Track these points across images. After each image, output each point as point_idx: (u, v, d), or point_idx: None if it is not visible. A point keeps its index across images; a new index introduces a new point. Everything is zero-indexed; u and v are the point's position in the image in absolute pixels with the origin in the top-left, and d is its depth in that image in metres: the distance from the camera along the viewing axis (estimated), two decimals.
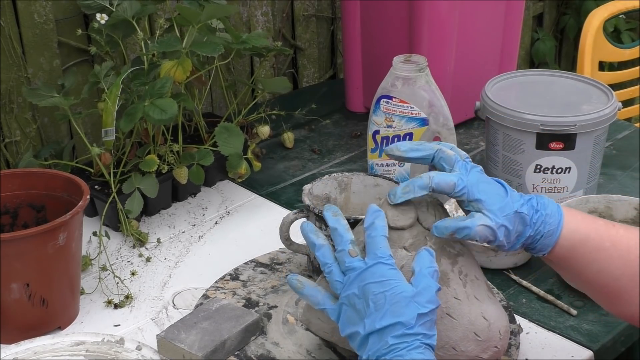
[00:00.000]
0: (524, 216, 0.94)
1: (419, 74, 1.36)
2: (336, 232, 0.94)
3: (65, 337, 1.08)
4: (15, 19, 1.48)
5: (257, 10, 1.85)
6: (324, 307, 0.93)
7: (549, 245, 0.95)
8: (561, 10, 2.65)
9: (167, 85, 1.30)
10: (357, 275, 0.90)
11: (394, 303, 0.87)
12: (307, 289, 0.95)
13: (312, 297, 0.94)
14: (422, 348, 0.86)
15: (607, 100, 1.37)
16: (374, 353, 0.87)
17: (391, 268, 0.90)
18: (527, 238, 0.95)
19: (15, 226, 1.20)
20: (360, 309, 0.89)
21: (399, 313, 0.87)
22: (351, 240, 0.93)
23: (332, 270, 0.92)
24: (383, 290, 0.88)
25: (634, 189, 1.49)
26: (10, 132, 1.52)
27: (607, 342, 1.13)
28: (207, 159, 1.38)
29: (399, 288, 0.88)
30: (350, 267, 0.91)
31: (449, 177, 0.94)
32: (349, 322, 0.90)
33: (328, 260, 0.93)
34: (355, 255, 0.91)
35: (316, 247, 0.94)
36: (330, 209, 0.96)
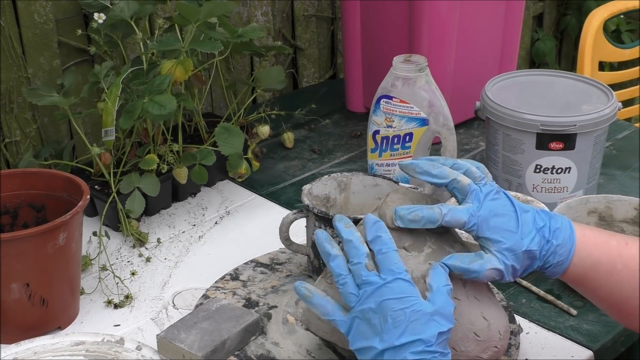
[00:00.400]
0: (534, 253, 0.94)
1: (419, 74, 1.36)
2: (351, 244, 0.92)
3: (65, 337, 1.08)
4: (15, 19, 1.48)
5: (257, 10, 1.85)
6: (334, 318, 0.92)
7: (557, 274, 0.96)
8: (561, 10, 2.65)
9: (166, 82, 1.30)
10: (375, 290, 0.89)
11: (414, 320, 0.87)
12: (316, 297, 0.93)
13: (321, 308, 0.93)
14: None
15: (607, 100, 1.37)
16: None
17: (409, 285, 0.89)
18: (537, 268, 0.95)
19: (15, 226, 1.20)
20: (376, 324, 0.88)
21: (419, 330, 0.87)
22: (367, 253, 0.91)
23: (347, 282, 0.91)
24: (403, 307, 0.88)
25: (634, 189, 1.49)
26: (10, 132, 1.52)
27: (607, 342, 1.13)
28: (209, 159, 1.38)
29: (418, 305, 0.88)
30: (367, 282, 0.90)
31: (460, 213, 0.93)
32: (362, 337, 0.90)
33: (342, 271, 0.91)
34: (372, 270, 0.90)
35: (331, 258, 0.92)
36: (342, 220, 0.94)
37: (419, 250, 0.96)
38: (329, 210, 1.16)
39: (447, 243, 0.99)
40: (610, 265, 0.94)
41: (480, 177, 0.96)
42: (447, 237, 1.00)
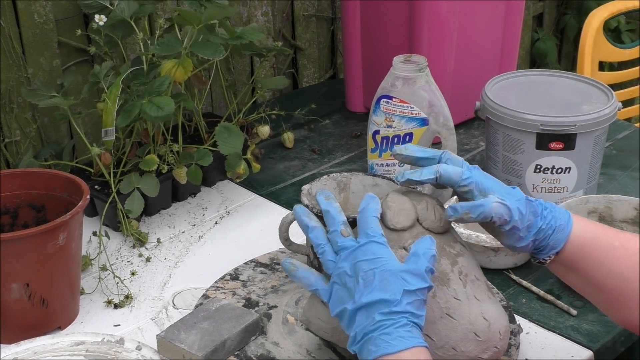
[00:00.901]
0: (535, 206, 0.95)
1: (419, 74, 1.36)
2: (328, 214, 0.95)
3: (65, 337, 1.08)
4: (15, 19, 1.48)
5: (257, 10, 1.85)
6: (317, 287, 0.94)
7: (561, 241, 0.96)
8: (561, 10, 2.65)
9: (165, 83, 1.30)
10: (349, 254, 0.91)
11: (383, 279, 0.87)
12: (300, 271, 0.96)
13: (305, 279, 0.95)
14: (410, 326, 0.86)
15: (607, 100, 1.37)
16: (361, 330, 0.87)
17: (382, 246, 0.90)
18: (539, 232, 0.95)
19: (15, 226, 1.20)
20: (351, 287, 0.89)
21: (386, 289, 0.87)
22: (343, 221, 0.94)
23: (325, 250, 0.93)
24: (373, 267, 0.89)
25: (634, 189, 1.49)
26: (10, 132, 1.52)
27: (607, 342, 1.13)
28: (205, 159, 1.38)
29: (388, 265, 0.88)
30: (343, 247, 0.92)
31: (456, 167, 0.96)
32: (339, 301, 0.91)
33: (321, 241, 0.94)
34: (347, 235, 0.92)
35: (309, 229, 0.95)
36: (322, 193, 0.98)
37: None
38: None
39: (447, 243, 0.99)
40: (608, 242, 0.96)
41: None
42: (448, 237, 1.00)
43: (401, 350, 0.84)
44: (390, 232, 0.97)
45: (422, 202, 0.99)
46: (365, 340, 0.87)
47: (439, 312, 0.95)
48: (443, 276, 0.97)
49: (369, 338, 0.86)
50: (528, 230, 0.96)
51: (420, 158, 0.99)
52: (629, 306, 0.95)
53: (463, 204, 0.95)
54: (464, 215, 0.95)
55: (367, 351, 0.86)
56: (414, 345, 0.85)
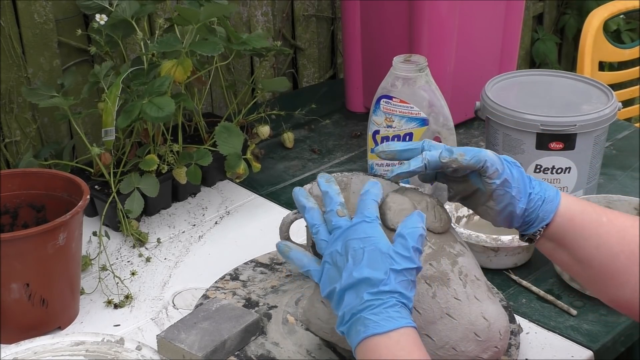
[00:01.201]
0: (522, 172, 0.96)
1: (419, 74, 1.35)
2: (327, 195, 0.95)
3: (65, 337, 1.08)
4: (15, 19, 1.48)
5: (257, 10, 1.85)
6: (308, 268, 0.94)
7: (550, 212, 0.96)
8: (561, 10, 2.65)
9: (165, 84, 1.30)
10: (342, 233, 0.91)
11: (371, 258, 0.87)
12: (293, 252, 0.96)
13: (297, 260, 0.95)
14: (399, 306, 0.85)
15: (607, 100, 1.37)
16: (349, 310, 0.86)
17: (374, 227, 0.90)
18: (529, 201, 0.96)
19: (15, 226, 1.20)
20: (341, 266, 0.89)
21: (374, 267, 0.86)
22: (340, 202, 0.94)
23: (320, 230, 0.93)
24: (363, 246, 0.88)
25: (634, 189, 1.49)
26: (10, 132, 1.52)
27: (607, 342, 1.13)
28: (205, 159, 1.38)
29: (377, 245, 0.88)
30: (337, 226, 0.92)
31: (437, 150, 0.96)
32: (330, 281, 0.90)
33: (316, 221, 0.94)
34: (342, 215, 0.92)
35: (306, 210, 0.95)
36: (323, 177, 0.98)
37: None
38: None
39: (447, 243, 0.99)
40: (596, 216, 0.96)
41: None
42: (448, 237, 1.00)
43: (390, 331, 0.84)
44: (391, 232, 0.97)
45: (422, 202, 0.99)
46: (353, 320, 0.86)
47: (439, 312, 0.95)
48: (443, 276, 0.97)
49: (357, 318, 0.85)
50: (520, 193, 0.96)
51: (403, 150, 0.99)
52: (617, 283, 0.95)
53: (459, 147, 0.95)
54: (459, 156, 0.94)
55: (356, 331, 0.85)
56: (403, 326, 0.84)
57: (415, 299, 0.95)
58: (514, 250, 1.24)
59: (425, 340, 0.96)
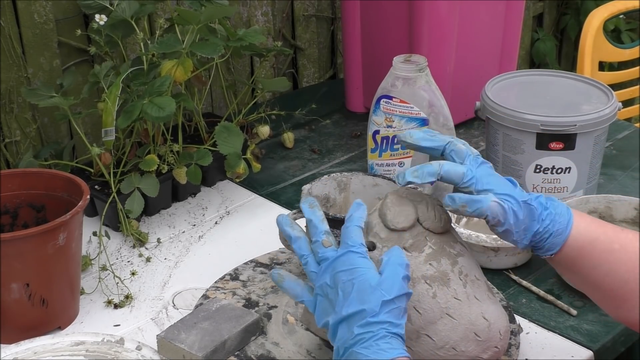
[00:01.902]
0: (533, 209, 0.94)
1: (419, 74, 1.35)
2: (311, 223, 0.94)
3: (65, 337, 1.08)
4: (15, 19, 1.48)
5: (257, 10, 1.85)
6: (302, 299, 0.94)
7: (557, 245, 0.95)
8: (561, 10, 2.65)
9: (166, 84, 1.30)
10: (329, 265, 0.90)
11: (360, 290, 0.87)
12: (286, 282, 0.95)
13: (291, 290, 0.95)
14: (389, 337, 0.85)
15: (607, 100, 1.37)
16: (342, 344, 0.87)
17: (361, 256, 0.90)
18: (535, 234, 0.95)
19: (15, 226, 1.20)
20: (332, 299, 0.89)
21: (364, 300, 0.86)
22: (325, 230, 0.93)
23: (308, 261, 0.93)
24: (351, 278, 0.88)
25: (634, 189, 1.49)
26: (10, 132, 1.52)
27: (607, 342, 1.13)
28: (205, 159, 1.38)
29: (365, 276, 0.88)
30: (324, 257, 0.91)
31: (458, 167, 0.95)
32: (324, 313, 0.90)
33: (304, 252, 0.93)
34: (328, 246, 0.92)
35: (292, 240, 0.94)
36: (306, 201, 0.96)
37: (419, 251, 0.96)
38: (328, 210, 1.16)
39: (448, 243, 0.99)
40: (608, 244, 0.95)
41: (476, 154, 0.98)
42: (448, 237, 1.00)
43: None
44: (391, 233, 0.97)
45: (422, 202, 0.99)
46: (347, 355, 0.86)
47: (439, 312, 0.95)
48: (443, 276, 0.97)
49: (350, 353, 0.86)
50: (524, 233, 0.95)
51: (423, 147, 0.98)
52: (628, 306, 0.95)
53: (462, 196, 0.94)
54: (460, 208, 0.94)
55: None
56: (394, 357, 0.84)
57: (415, 299, 0.95)
58: (514, 250, 1.24)
59: (426, 340, 0.96)
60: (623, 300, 0.95)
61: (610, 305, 0.99)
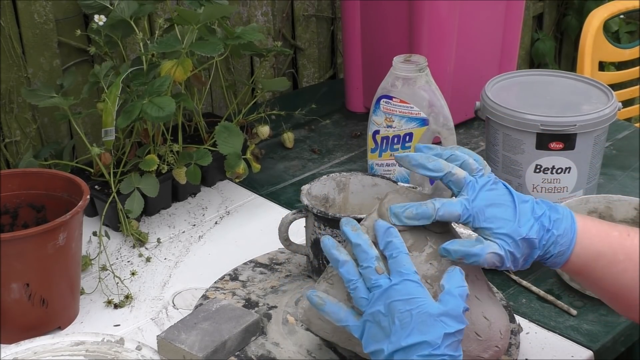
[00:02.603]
0: (533, 241, 0.93)
1: (419, 74, 1.36)
2: (359, 247, 0.92)
3: (65, 337, 1.08)
4: (15, 19, 1.48)
5: (257, 10, 1.85)
6: (347, 324, 0.92)
7: (558, 264, 0.95)
8: (561, 10, 2.65)
9: (165, 84, 1.30)
10: (383, 293, 0.89)
11: (421, 322, 0.87)
12: (328, 305, 0.94)
13: (334, 314, 0.93)
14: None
15: (607, 100, 1.37)
16: None
17: (418, 286, 0.89)
18: (536, 257, 0.95)
19: (15, 226, 1.20)
20: (386, 326, 0.88)
21: (425, 331, 0.86)
22: (376, 256, 0.91)
23: (358, 286, 0.91)
24: (410, 308, 0.87)
25: (634, 189, 1.49)
26: (10, 132, 1.52)
27: (607, 342, 1.13)
28: (205, 159, 1.38)
29: (425, 306, 0.87)
30: (377, 285, 0.90)
31: (453, 207, 0.93)
32: (373, 340, 0.89)
33: (353, 277, 0.91)
34: (381, 273, 0.90)
35: (340, 264, 0.92)
36: (349, 224, 0.94)
37: (419, 250, 0.96)
38: (327, 210, 1.16)
39: None
40: (612, 256, 0.94)
41: (477, 169, 0.95)
42: (448, 237, 1.00)
43: None
44: None
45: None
46: None
47: None
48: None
49: None
50: (524, 262, 0.95)
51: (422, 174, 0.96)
52: (634, 310, 0.95)
53: (458, 248, 0.93)
54: (457, 260, 0.93)
55: None
56: None
57: None
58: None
59: None
60: (629, 305, 0.95)
61: (618, 308, 0.99)
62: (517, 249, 0.93)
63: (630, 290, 0.94)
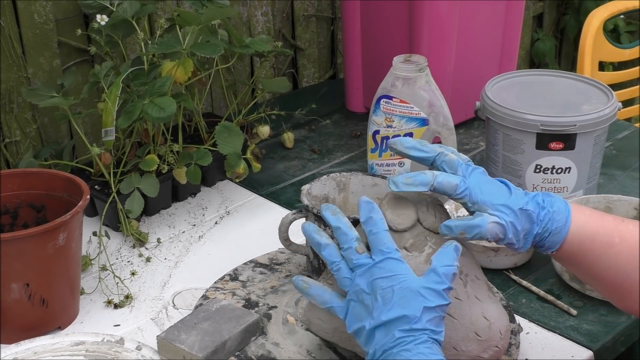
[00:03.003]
0: (530, 213, 0.94)
1: (419, 74, 1.36)
2: (340, 230, 0.94)
3: (65, 337, 1.08)
4: (15, 19, 1.48)
5: (257, 10, 1.85)
6: (332, 305, 0.93)
7: (557, 243, 0.95)
8: (561, 10, 2.65)
9: (167, 84, 1.30)
10: (365, 271, 0.90)
11: (402, 296, 0.87)
12: (313, 288, 0.95)
13: (318, 297, 0.95)
14: (430, 342, 0.86)
15: (607, 100, 1.37)
16: (380, 347, 0.87)
17: (399, 263, 0.90)
18: (536, 236, 0.95)
19: (15, 226, 1.20)
20: (369, 304, 0.89)
21: (405, 305, 0.87)
22: (356, 237, 0.93)
23: (340, 267, 0.92)
24: (391, 284, 0.88)
25: (634, 189, 1.49)
26: (10, 132, 1.52)
27: (607, 342, 1.13)
28: (205, 159, 1.38)
29: (407, 282, 0.88)
30: (358, 264, 0.91)
31: (452, 177, 0.95)
32: (357, 318, 0.90)
33: (335, 258, 0.93)
34: (362, 252, 0.92)
35: (322, 247, 0.94)
36: (328, 208, 0.96)
37: (419, 250, 0.96)
38: None
39: None
40: (607, 238, 0.95)
41: (466, 160, 0.98)
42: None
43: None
44: (391, 233, 0.97)
45: (422, 202, 0.99)
46: (384, 357, 0.86)
47: None
48: None
49: (389, 354, 0.86)
50: (525, 239, 0.95)
51: (413, 157, 0.98)
52: (631, 297, 0.95)
53: (458, 223, 0.94)
54: (459, 236, 0.94)
55: None
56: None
57: None
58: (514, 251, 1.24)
59: None
60: (626, 292, 0.95)
61: (614, 297, 0.99)
62: (517, 219, 0.94)
63: (626, 276, 0.94)
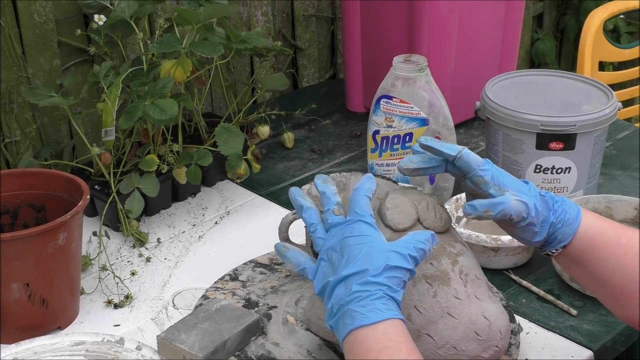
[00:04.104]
0: (547, 200, 0.97)
1: (419, 74, 1.35)
2: (324, 195, 0.95)
3: (65, 337, 1.08)
4: (15, 19, 1.48)
5: (257, 10, 1.85)
6: (304, 267, 0.94)
7: (569, 235, 0.96)
8: (561, 10, 2.65)
9: (168, 86, 1.30)
10: (338, 230, 0.91)
11: (367, 254, 0.87)
12: (290, 251, 0.96)
13: (294, 259, 0.95)
14: (385, 299, 0.85)
15: (607, 100, 1.37)
16: (337, 302, 0.86)
17: (371, 227, 0.90)
18: (551, 225, 0.96)
19: (15, 226, 1.20)
20: (335, 262, 0.89)
21: (368, 262, 0.86)
22: (337, 202, 0.94)
23: (317, 228, 0.93)
24: (360, 243, 0.88)
25: (634, 189, 1.49)
26: (10, 132, 1.52)
27: (607, 342, 1.13)
28: (205, 159, 1.38)
29: (376, 244, 0.88)
30: (333, 224, 0.92)
31: (477, 156, 0.97)
32: (323, 276, 0.90)
33: (314, 220, 0.94)
34: (339, 214, 0.92)
35: (303, 209, 0.95)
36: (320, 177, 0.98)
37: None
38: None
39: (448, 242, 0.99)
40: (616, 237, 0.96)
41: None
42: (448, 237, 1.00)
43: (376, 322, 0.83)
44: (391, 232, 0.97)
45: (423, 202, 0.99)
46: (341, 313, 0.86)
47: (440, 311, 0.95)
48: (444, 275, 0.97)
49: (345, 311, 0.85)
50: (542, 225, 0.96)
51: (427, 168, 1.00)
52: (633, 304, 0.95)
53: (482, 201, 0.95)
54: (484, 213, 0.95)
55: (343, 324, 0.85)
56: (389, 317, 0.84)
57: (416, 298, 0.95)
58: (514, 250, 1.24)
59: (426, 339, 0.96)
60: (629, 298, 0.95)
61: (616, 304, 0.99)
62: (538, 201, 0.95)
63: (629, 280, 0.95)
